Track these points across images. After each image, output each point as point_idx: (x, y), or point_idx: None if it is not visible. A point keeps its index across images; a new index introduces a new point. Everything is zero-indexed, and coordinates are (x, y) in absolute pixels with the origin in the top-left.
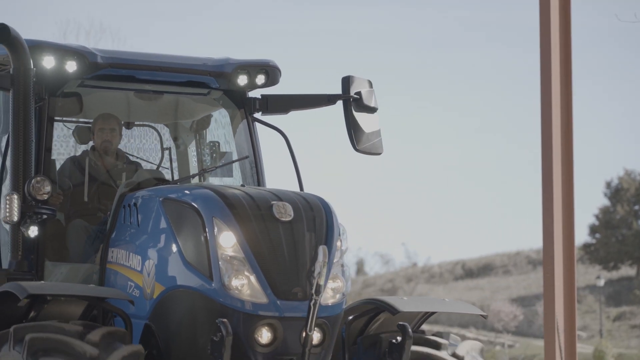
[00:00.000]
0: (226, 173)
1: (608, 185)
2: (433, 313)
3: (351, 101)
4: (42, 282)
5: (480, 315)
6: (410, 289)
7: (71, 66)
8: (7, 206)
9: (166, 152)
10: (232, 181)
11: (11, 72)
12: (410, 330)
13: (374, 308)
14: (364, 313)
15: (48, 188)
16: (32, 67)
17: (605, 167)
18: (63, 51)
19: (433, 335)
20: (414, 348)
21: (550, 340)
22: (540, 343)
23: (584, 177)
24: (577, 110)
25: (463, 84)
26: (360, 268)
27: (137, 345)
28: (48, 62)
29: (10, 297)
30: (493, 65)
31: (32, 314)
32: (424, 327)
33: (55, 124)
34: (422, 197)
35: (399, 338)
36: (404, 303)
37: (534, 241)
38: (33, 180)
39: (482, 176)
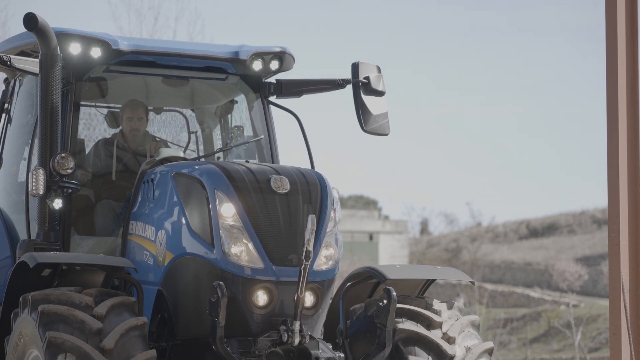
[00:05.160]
0: (249, 155)
1: None
2: (433, 281)
3: (360, 85)
4: (54, 252)
5: (469, 282)
6: (475, 248)
7: (96, 52)
8: (34, 180)
9: (193, 135)
10: (253, 161)
11: (39, 58)
12: (394, 293)
13: (368, 276)
14: (360, 280)
15: (72, 164)
16: (59, 53)
17: None
18: (88, 38)
19: (431, 310)
20: (409, 328)
21: (615, 300)
22: (605, 302)
23: None
24: None
25: (523, 40)
26: (424, 228)
27: (142, 318)
28: (74, 48)
29: (36, 267)
30: (558, 20)
31: (55, 282)
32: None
33: (89, 109)
34: (487, 156)
35: (385, 301)
36: (393, 271)
37: (598, 200)
38: (58, 157)
39: (547, 134)
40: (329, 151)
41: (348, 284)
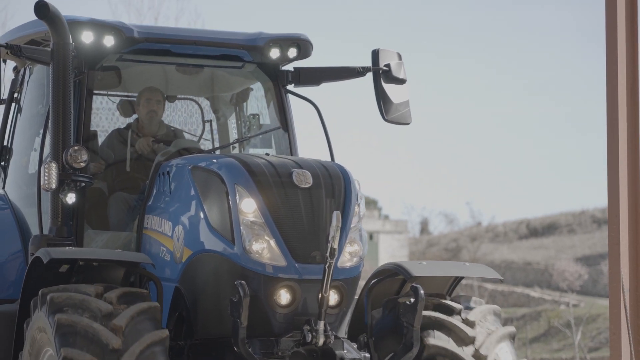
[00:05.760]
0: (266, 144)
1: None
2: (462, 278)
3: (380, 73)
4: (69, 248)
5: (498, 278)
6: (475, 248)
7: (109, 41)
8: (46, 174)
9: (207, 124)
10: (270, 152)
11: (51, 47)
12: (422, 291)
13: (393, 272)
14: (385, 277)
15: (85, 157)
16: (71, 42)
17: None
18: (101, 26)
19: (452, 300)
20: (429, 314)
21: (615, 299)
22: (605, 302)
23: None
24: None
25: (527, 42)
26: (424, 227)
27: (153, 302)
28: (86, 37)
29: (50, 263)
30: (559, 19)
31: (73, 279)
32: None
33: (101, 97)
34: (487, 156)
35: (412, 300)
36: (419, 267)
37: (598, 200)
38: (70, 149)
39: (547, 134)
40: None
41: (373, 281)
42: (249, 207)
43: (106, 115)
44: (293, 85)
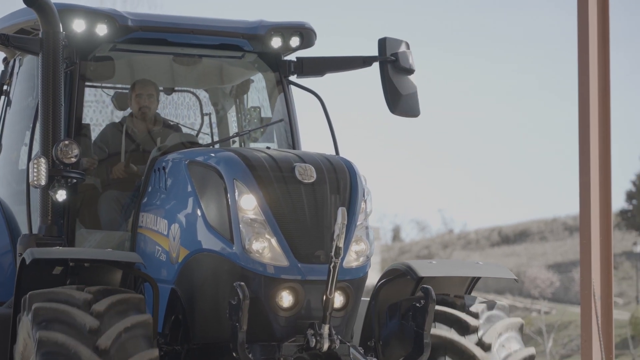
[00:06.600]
0: (268, 138)
1: None
2: (478, 279)
3: (387, 63)
4: (56, 247)
5: (513, 279)
6: (447, 255)
7: (101, 29)
8: (35, 170)
9: (206, 117)
10: (272, 146)
11: (40, 35)
12: (433, 293)
13: (402, 273)
14: (394, 277)
15: (76, 151)
16: (61, 30)
17: None
18: (93, 14)
19: (456, 296)
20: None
21: (586, 307)
22: (576, 309)
23: (621, 142)
24: (614, 74)
25: (494, 49)
26: (396, 235)
27: (146, 315)
28: (78, 25)
29: (47, 264)
30: (530, 29)
31: (68, 281)
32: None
33: (95, 90)
34: (459, 163)
35: (422, 301)
36: (427, 267)
37: (570, 207)
38: (61, 144)
39: (519, 142)
40: None
41: (381, 281)
42: (248, 203)
43: (100, 108)
44: (295, 76)
